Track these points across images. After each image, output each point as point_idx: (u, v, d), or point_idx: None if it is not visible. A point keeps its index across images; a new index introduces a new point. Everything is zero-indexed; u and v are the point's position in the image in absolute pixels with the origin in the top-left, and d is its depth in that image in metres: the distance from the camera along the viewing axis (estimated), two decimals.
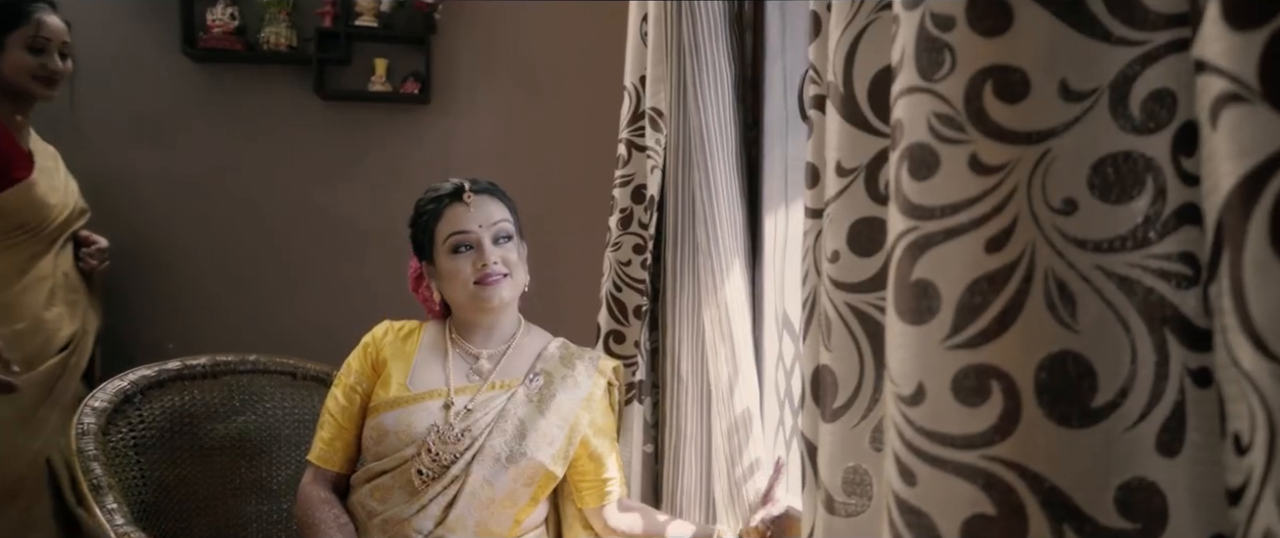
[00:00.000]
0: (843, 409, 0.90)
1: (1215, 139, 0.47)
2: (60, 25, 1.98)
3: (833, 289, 0.91)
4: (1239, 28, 0.44)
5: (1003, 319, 0.56)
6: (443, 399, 1.40)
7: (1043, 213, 0.58)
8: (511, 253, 1.42)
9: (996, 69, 0.60)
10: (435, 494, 1.35)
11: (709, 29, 1.58)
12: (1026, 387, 0.56)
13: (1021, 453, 0.55)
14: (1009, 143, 0.59)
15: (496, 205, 1.44)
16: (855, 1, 0.91)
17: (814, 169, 1.01)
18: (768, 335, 1.68)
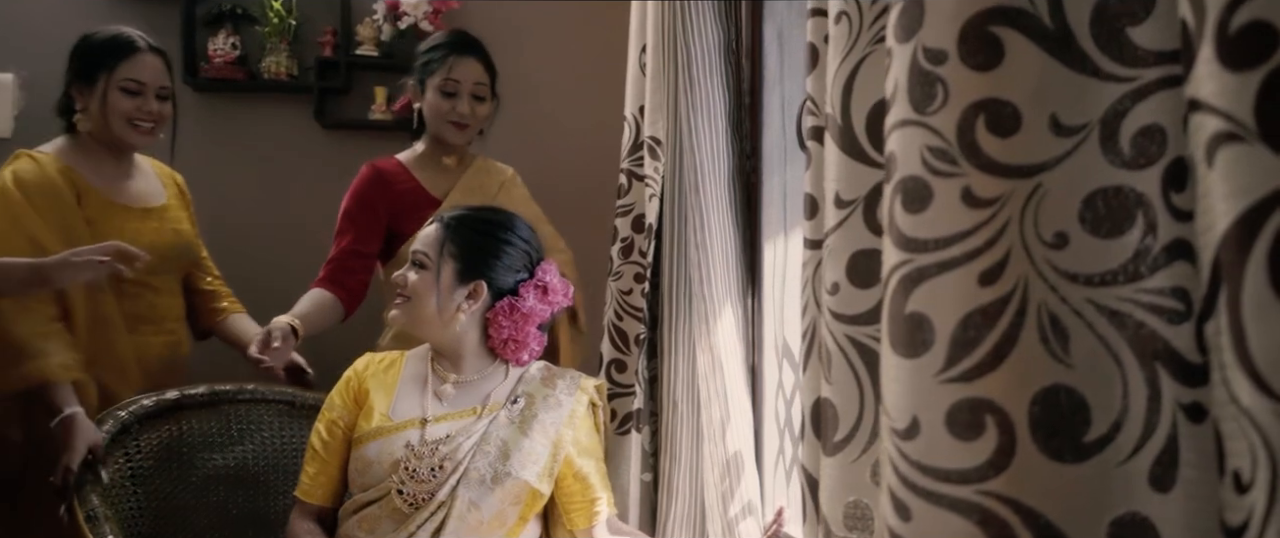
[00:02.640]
0: (844, 443, 0.90)
1: (1211, 177, 0.47)
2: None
3: (833, 321, 0.91)
4: (1234, 68, 0.45)
5: (997, 353, 0.56)
6: (418, 424, 1.42)
7: (1035, 246, 0.58)
8: (415, 279, 1.48)
9: (988, 103, 0.60)
10: (423, 521, 1.34)
11: (703, 59, 1.60)
12: (1021, 421, 0.55)
13: (1016, 488, 0.55)
14: (1001, 176, 0.59)
15: (432, 234, 1.53)
16: (852, 34, 0.92)
17: (813, 200, 1.02)
18: (768, 364, 1.68)
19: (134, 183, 1.84)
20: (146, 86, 1.78)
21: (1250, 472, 0.45)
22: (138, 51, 1.77)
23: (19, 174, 1.69)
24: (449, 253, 1.47)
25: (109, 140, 1.77)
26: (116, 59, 1.75)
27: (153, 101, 1.78)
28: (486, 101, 1.91)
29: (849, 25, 0.92)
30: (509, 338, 1.51)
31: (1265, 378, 0.42)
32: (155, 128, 1.80)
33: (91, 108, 1.75)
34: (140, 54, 1.78)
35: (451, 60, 1.87)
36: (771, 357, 1.66)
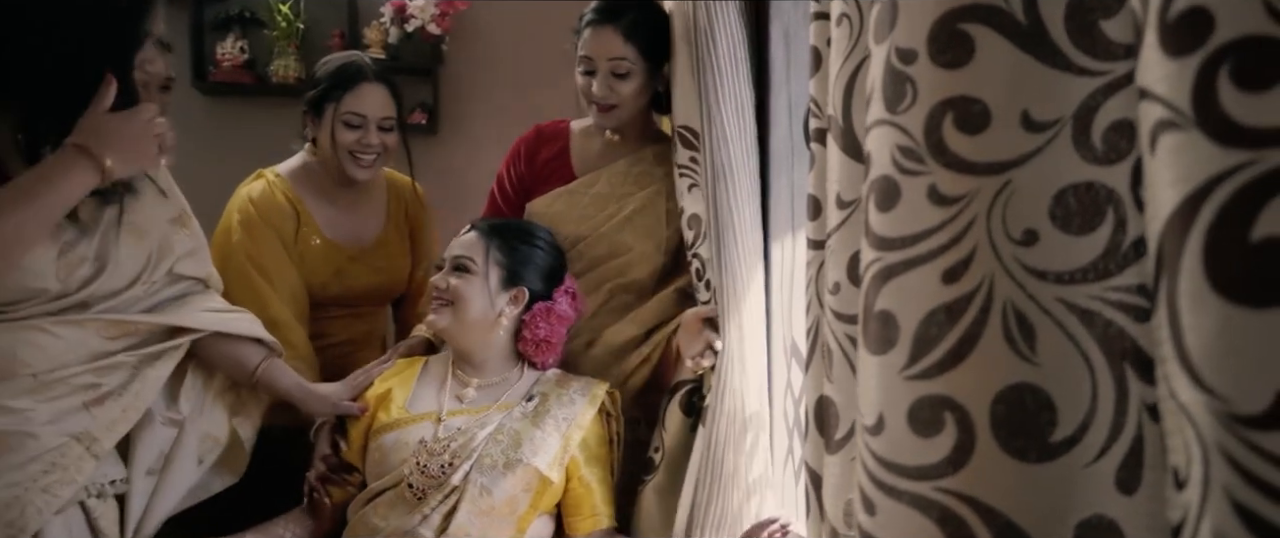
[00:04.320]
0: (845, 441, 0.90)
1: (1155, 166, 0.47)
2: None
3: (834, 320, 0.91)
4: (1173, 54, 0.44)
5: (958, 350, 0.56)
6: (434, 419, 1.48)
7: (1002, 244, 0.58)
8: (462, 285, 1.52)
9: (957, 100, 0.60)
10: (436, 504, 1.39)
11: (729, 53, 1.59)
12: (981, 419, 0.55)
13: (974, 486, 0.54)
14: (968, 174, 0.59)
15: (474, 241, 1.56)
16: (852, 36, 0.92)
17: (816, 201, 1.02)
18: (776, 363, 1.67)
19: (354, 217, 1.84)
20: (368, 119, 1.74)
21: (1186, 469, 0.44)
22: (362, 82, 1.74)
23: (253, 197, 1.76)
24: (495, 259, 1.53)
25: (335, 171, 1.77)
26: (341, 91, 1.73)
27: (374, 134, 1.75)
28: (629, 78, 1.66)
29: (850, 27, 0.92)
30: (543, 339, 1.59)
31: (1199, 372, 0.41)
32: (378, 159, 1.77)
33: (320, 139, 1.76)
34: (364, 85, 1.74)
35: (586, 33, 1.68)
36: (780, 356, 1.65)
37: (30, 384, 1.31)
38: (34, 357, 1.32)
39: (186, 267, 1.49)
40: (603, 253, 1.76)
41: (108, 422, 1.37)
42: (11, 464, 1.28)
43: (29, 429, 1.30)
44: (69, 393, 1.34)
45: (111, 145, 1.27)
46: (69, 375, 1.34)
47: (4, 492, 1.27)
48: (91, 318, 1.37)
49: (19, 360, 1.31)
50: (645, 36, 1.64)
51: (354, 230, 1.83)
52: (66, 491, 1.31)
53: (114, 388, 1.38)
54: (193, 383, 1.51)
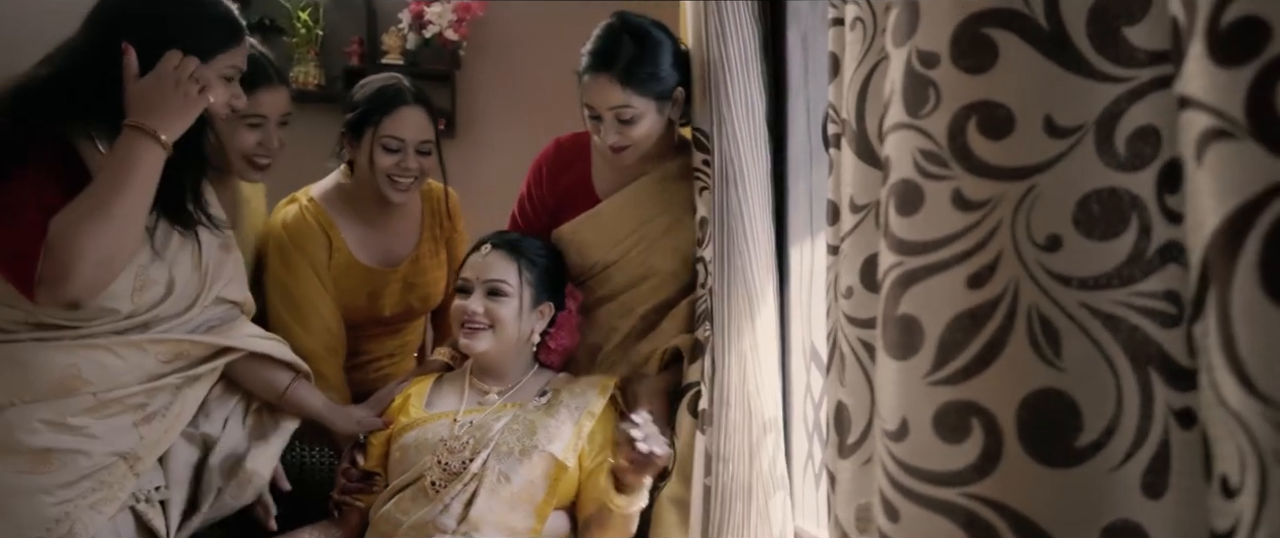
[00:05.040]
0: (856, 445, 0.90)
1: (1200, 176, 0.47)
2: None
3: (847, 325, 0.91)
4: (1225, 64, 0.44)
5: (984, 356, 0.56)
6: (452, 418, 1.53)
7: (1027, 249, 0.58)
8: (501, 309, 1.56)
9: (981, 105, 0.60)
10: (456, 492, 1.43)
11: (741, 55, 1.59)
12: (1008, 424, 0.55)
13: (1003, 492, 0.54)
14: (992, 179, 0.59)
15: (504, 264, 1.59)
16: (866, 40, 0.92)
17: (833, 206, 1.02)
18: (795, 366, 1.67)
19: (388, 235, 1.84)
20: (407, 143, 1.72)
21: (1239, 476, 0.44)
22: (401, 106, 1.72)
23: (286, 221, 1.77)
24: (526, 280, 1.58)
25: (373, 193, 1.76)
26: (380, 114, 1.71)
27: (412, 158, 1.73)
28: (636, 122, 1.62)
29: (863, 32, 0.92)
30: (567, 346, 1.67)
31: (1254, 380, 0.41)
32: (415, 182, 1.76)
33: (358, 161, 1.75)
34: (403, 109, 1.72)
35: (585, 80, 1.65)
36: (799, 360, 1.65)
37: (90, 403, 1.34)
38: (96, 376, 1.35)
39: (230, 291, 1.53)
40: (632, 278, 1.76)
41: (152, 441, 1.41)
42: (63, 482, 1.31)
43: (83, 448, 1.33)
44: (122, 413, 1.37)
45: (151, 111, 1.28)
46: (125, 395, 1.38)
47: (55, 509, 1.30)
48: (152, 339, 1.40)
49: (82, 378, 1.34)
50: (644, 79, 1.59)
51: (387, 250, 1.83)
52: (111, 508, 1.35)
53: (160, 408, 1.43)
54: (221, 403, 1.54)
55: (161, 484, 1.45)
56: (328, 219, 1.78)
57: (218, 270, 1.49)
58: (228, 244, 1.54)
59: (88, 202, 1.23)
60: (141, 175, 1.25)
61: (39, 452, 1.29)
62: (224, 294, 1.51)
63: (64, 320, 1.32)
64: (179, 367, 1.43)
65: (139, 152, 1.26)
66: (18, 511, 1.28)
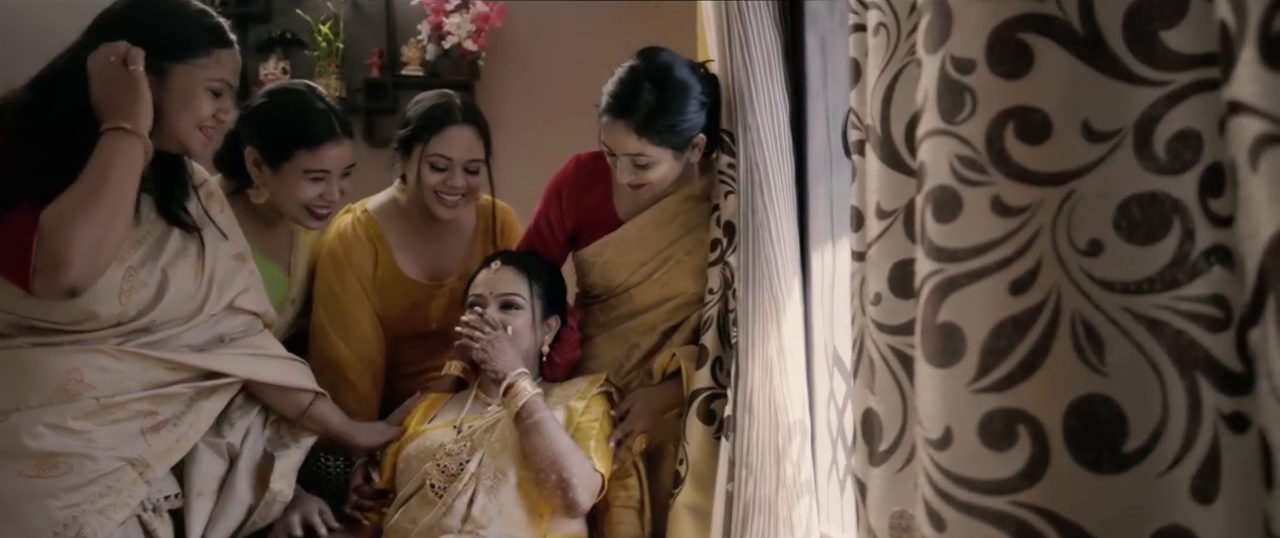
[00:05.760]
0: (888, 453, 0.89)
1: (1254, 182, 0.46)
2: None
3: (876, 332, 0.91)
4: (1279, 68, 0.44)
5: (1029, 363, 0.56)
6: (454, 426, 1.59)
7: (1068, 255, 0.57)
8: (513, 320, 1.63)
9: (1018, 111, 0.60)
10: (458, 492, 1.48)
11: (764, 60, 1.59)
12: (1055, 431, 0.55)
13: (1051, 499, 0.54)
14: (1032, 184, 0.59)
15: (515, 278, 1.65)
16: (890, 46, 0.92)
17: (858, 212, 1.02)
18: (818, 372, 1.66)
19: (438, 250, 1.86)
20: (454, 162, 1.73)
21: None
22: (449, 125, 1.73)
23: (340, 229, 1.80)
24: (537, 293, 1.65)
25: (422, 208, 1.78)
26: (429, 133, 1.72)
27: (459, 176, 1.74)
28: (651, 167, 1.62)
29: (887, 37, 0.92)
30: (570, 360, 1.74)
31: None
32: (463, 200, 1.77)
33: (408, 177, 1.77)
34: (451, 128, 1.73)
35: (604, 120, 1.64)
36: (822, 366, 1.64)
37: (92, 407, 1.35)
38: (98, 380, 1.36)
39: (247, 301, 1.54)
40: (656, 298, 1.77)
41: (161, 449, 1.41)
42: (70, 485, 1.32)
43: (88, 452, 1.34)
44: (128, 418, 1.38)
45: (110, 109, 1.33)
46: (129, 401, 1.39)
47: (62, 512, 1.31)
48: (156, 356, 1.41)
49: (84, 382, 1.36)
50: (660, 130, 1.57)
51: (435, 265, 1.85)
52: (119, 513, 1.35)
53: (170, 417, 1.43)
54: (244, 413, 1.55)
55: (175, 493, 1.46)
56: (377, 231, 1.80)
57: (228, 279, 1.50)
58: (244, 255, 1.56)
59: (75, 194, 1.28)
60: (118, 164, 1.30)
61: (45, 456, 1.31)
62: (241, 304, 1.52)
63: (54, 324, 1.34)
64: (185, 378, 1.44)
65: (111, 145, 1.31)
66: (25, 514, 1.29)
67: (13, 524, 1.28)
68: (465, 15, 2.41)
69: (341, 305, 1.77)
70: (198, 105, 1.40)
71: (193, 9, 1.44)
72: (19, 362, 1.33)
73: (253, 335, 1.55)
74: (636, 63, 1.60)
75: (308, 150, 1.62)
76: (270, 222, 1.72)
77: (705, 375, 1.66)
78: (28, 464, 1.30)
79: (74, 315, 1.34)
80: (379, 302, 1.80)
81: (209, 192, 1.56)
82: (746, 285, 1.59)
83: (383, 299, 1.80)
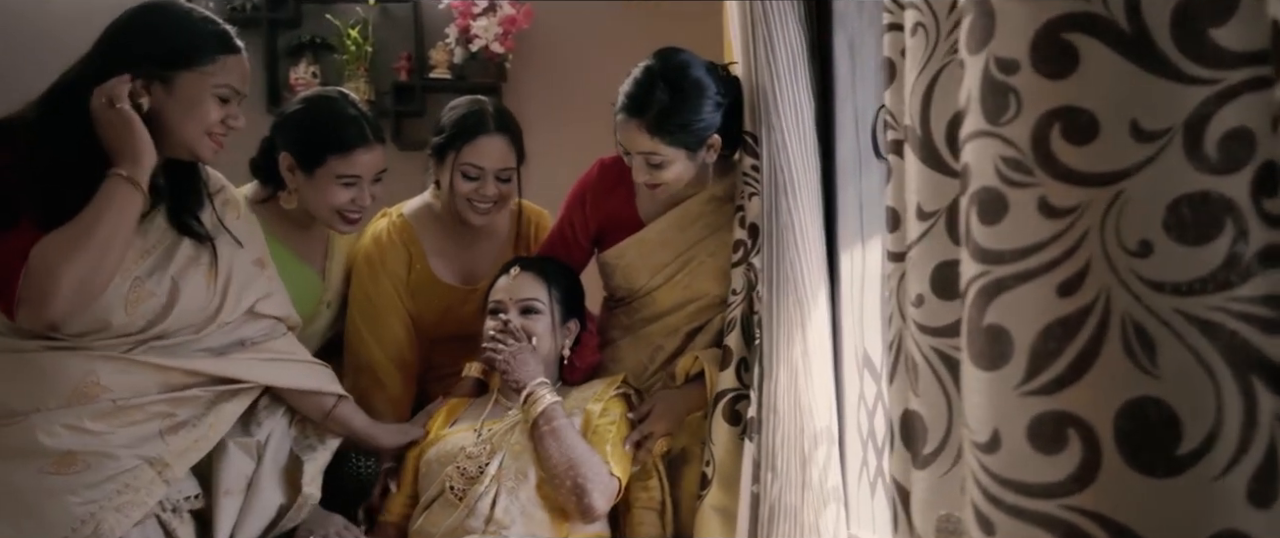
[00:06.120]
0: (934, 456, 0.89)
1: None
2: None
3: (918, 334, 0.90)
4: None
5: (1078, 365, 0.56)
6: (474, 429, 1.62)
7: (1117, 256, 0.57)
8: (534, 325, 1.65)
9: (1064, 111, 0.60)
10: (479, 494, 1.51)
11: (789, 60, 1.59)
12: (1105, 434, 0.54)
13: (1103, 503, 0.54)
14: (1079, 185, 0.58)
15: (535, 283, 1.66)
16: (929, 45, 0.91)
17: (894, 213, 1.01)
18: (848, 374, 1.65)
19: (472, 254, 1.88)
20: (486, 171, 1.74)
21: None
22: (481, 135, 1.74)
23: (375, 233, 1.84)
24: (556, 297, 1.67)
25: (455, 214, 1.81)
26: (461, 141, 1.74)
27: (491, 185, 1.75)
28: (665, 166, 1.64)
29: (926, 36, 0.92)
30: (590, 364, 1.76)
31: None
32: (495, 207, 1.79)
33: (442, 182, 1.79)
34: (482, 138, 1.74)
35: (618, 119, 1.66)
36: (852, 367, 1.63)
37: (109, 408, 1.38)
38: (115, 382, 1.39)
39: (267, 306, 1.56)
40: (678, 300, 1.78)
41: (180, 449, 1.43)
42: (89, 482, 1.35)
43: (106, 451, 1.37)
44: (146, 419, 1.40)
45: (113, 153, 1.36)
46: (147, 403, 1.41)
47: (81, 508, 1.33)
48: (168, 365, 1.43)
49: (101, 385, 1.38)
50: (672, 129, 1.58)
51: (468, 270, 1.87)
52: (137, 512, 1.37)
53: (189, 419, 1.45)
54: (270, 413, 1.57)
55: (196, 493, 1.48)
56: (411, 235, 1.82)
57: (245, 285, 1.52)
58: (263, 260, 1.58)
59: (68, 232, 1.31)
60: (114, 210, 1.34)
61: (63, 454, 1.34)
62: (262, 310, 1.55)
63: (65, 333, 1.37)
64: (203, 382, 1.47)
65: (109, 190, 1.35)
66: (45, 510, 1.32)
67: (33, 520, 1.31)
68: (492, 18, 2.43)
69: (375, 309, 1.79)
70: (205, 112, 1.42)
71: (197, 16, 1.46)
72: (37, 365, 1.36)
73: (274, 340, 1.57)
74: (652, 62, 1.62)
75: (340, 156, 1.64)
76: (305, 226, 1.74)
77: (730, 377, 1.66)
78: (47, 462, 1.33)
79: (84, 325, 1.37)
80: (413, 305, 1.82)
81: (225, 199, 1.58)
82: (771, 288, 1.59)
83: (416, 303, 1.82)
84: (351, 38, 2.51)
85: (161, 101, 1.39)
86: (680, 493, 1.74)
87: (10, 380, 1.35)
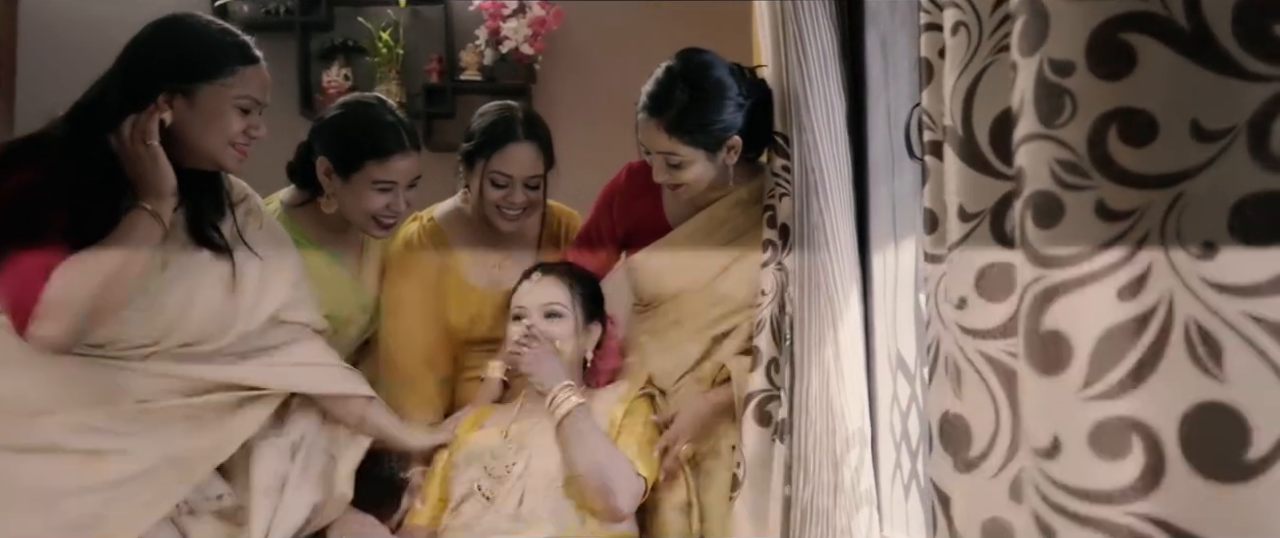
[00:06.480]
0: (979, 460, 0.88)
1: None
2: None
3: (961, 336, 0.89)
4: None
5: (1140, 370, 0.55)
6: (501, 432, 1.64)
7: (1180, 258, 0.56)
8: (557, 328, 1.67)
9: (1121, 112, 0.59)
10: (507, 494, 1.54)
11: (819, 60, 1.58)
12: (1170, 440, 0.54)
13: (1169, 509, 0.53)
14: (1138, 187, 0.58)
15: (557, 287, 1.68)
16: (971, 45, 0.90)
17: (932, 214, 1.01)
18: (881, 375, 1.64)
19: (502, 258, 1.89)
20: (515, 179, 1.76)
21: None
22: (510, 143, 1.75)
23: (407, 237, 1.85)
24: (578, 301, 1.69)
25: (484, 220, 1.83)
26: (491, 149, 1.76)
27: (520, 193, 1.77)
28: (684, 167, 1.65)
29: (967, 36, 0.91)
30: (614, 367, 1.80)
31: None
32: (524, 214, 1.81)
33: (472, 187, 1.81)
34: (511, 146, 1.75)
35: (639, 118, 1.68)
36: (884, 368, 1.62)
37: (133, 411, 1.41)
38: (139, 385, 1.42)
39: (292, 313, 1.58)
40: (703, 304, 1.78)
41: (203, 451, 1.46)
42: (112, 481, 1.38)
43: (127, 449, 1.40)
44: (169, 421, 1.43)
45: (136, 186, 1.40)
46: (170, 405, 1.43)
47: (102, 506, 1.37)
48: (189, 374, 1.46)
49: (124, 389, 1.41)
50: (691, 129, 1.59)
51: (497, 274, 1.88)
52: (159, 511, 1.41)
53: (212, 421, 1.48)
54: (303, 414, 1.59)
55: (222, 493, 1.51)
56: (443, 239, 1.84)
57: (265, 294, 1.54)
58: (287, 267, 1.60)
59: (88, 262, 1.35)
60: (133, 242, 1.39)
61: (87, 453, 1.37)
62: (286, 316, 1.56)
63: (83, 343, 1.39)
64: (226, 387, 1.49)
65: (130, 222, 1.39)
66: (68, 509, 1.35)
67: (57, 516, 1.35)
68: (522, 20, 2.45)
69: (407, 313, 1.81)
70: (226, 123, 1.45)
71: (216, 28, 1.49)
72: (62, 367, 1.39)
73: (298, 345, 1.59)
74: (673, 62, 1.64)
75: (377, 162, 1.66)
76: (340, 230, 1.76)
77: (760, 378, 1.66)
78: (73, 460, 1.37)
79: (101, 337, 1.40)
80: (444, 309, 1.83)
81: (248, 209, 1.61)
82: (801, 289, 1.58)
83: (447, 306, 1.83)
84: (383, 40, 2.54)
85: (183, 114, 1.42)
86: (708, 494, 1.74)
87: (35, 381, 1.38)
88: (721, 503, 1.70)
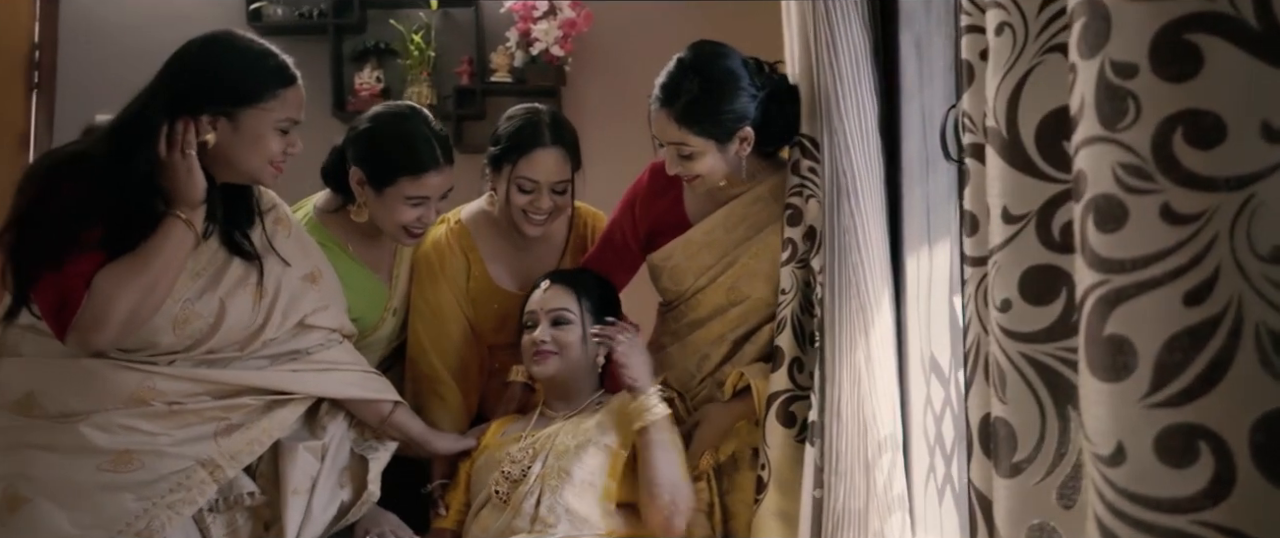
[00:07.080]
0: (1024, 464, 0.87)
1: None
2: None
3: (1005, 339, 0.88)
4: None
5: (1208, 376, 0.54)
6: (519, 436, 1.68)
7: (1249, 263, 0.55)
8: (565, 334, 1.69)
9: (1187, 114, 0.58)
10: (525, 494, 1.56)
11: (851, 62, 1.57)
12: (1240, 448, 0.53)
13: (1239, 519, 0.52)
14: (1205, 190, 0.57)
15: (564, 294, 1.70)
16: (1016, 46, 0.89)
17: (973, 217, 1.00)
18: (913, 378, 1.63)
19: (529, 259, 1.90)
20: (541, 184, 1.75)
21: None
22: (536, 149, 1.75)
23: (435, 239, 1.86)
24: (586, 307, 1.71)
25: (510, 223, 1.83)
26: (517, 155, 1.75)
27: (546, 198, 1.76)
28: (695, 158, 1.66)
29: (1012, 37, 0.90)
30: None
31: None
32: (550, 218, 1.80)
33: (499, 191, 1.81)
34: (538, 152, 1.75)
35: (651, 108, 1.70)
36: (917, 371, 1.61)
37: (162, 412, 1.44)
38: (169, 387, 1.46)
39: (320, 319, 1.60)
40: (722, 303, 1.77)
41: (232, 452, 1.49)
42: (143, 480, 1.41)
43: (160, 450, 1.43)
44: (199, 422, 1.46)
45: (173, 195, 1.43)
46: (200, 407, 1.47)
47: (135, 505, 1.40)
48: (217, 380, 1.48)
49: (156, 389, 1.44)
50: (700, 119, 1.59)
51: (525, 275, 1.88)
52: (188, 510, 1.44)
53: (242, 423, 1.51)
54: (333, 417, 1.61)
55: (252, 491, 1.53)
56: (470, 242, 1.84)
57: (294, 301, 1.56)
58: (314, 275, 1.62)
59: (125, 266, 1.39)
60: (169, 249, 1.42)
61: (119, 452, 1.40)
62: (313, 322, 1.59)
63: (115, 350, 1.43)
64: (255, 390, 1.52)
65: (166, 229, 1.43)
66: (102, 506, 1.38)
67: (90, 515, 1.38)
68: (552, 21, 2.45)
69: (434, 316, 1.81)
70: (267, 145, 1.47)
71: (259, 50, 1.50)
72: (95, 371, 1.43)
73: (326, 350, 1.61)
74: (685, 54, 1.65)
75: (412, 178, 1.66)
76: (372, 236, 1.77)
77: (782, 378, 1.65)
78: (104, 460, 1.40)
79: (133, 344, 1.44)
80: (472, 312, 1.84)
81: (276, 217, 1.63)
82: (832, 292, 1.57)
83: (475, 309, 1.84)
84: (415, 43, 2.56)
85: (227, 136, 1.45)
86: (731, 496, 1.73)
87: (69, 385, 1.42)
88: (745, 507, 1.69)
